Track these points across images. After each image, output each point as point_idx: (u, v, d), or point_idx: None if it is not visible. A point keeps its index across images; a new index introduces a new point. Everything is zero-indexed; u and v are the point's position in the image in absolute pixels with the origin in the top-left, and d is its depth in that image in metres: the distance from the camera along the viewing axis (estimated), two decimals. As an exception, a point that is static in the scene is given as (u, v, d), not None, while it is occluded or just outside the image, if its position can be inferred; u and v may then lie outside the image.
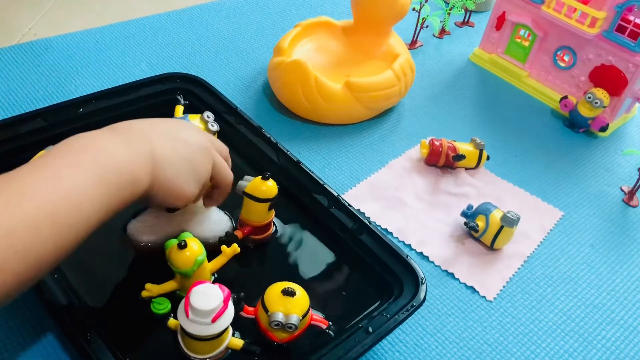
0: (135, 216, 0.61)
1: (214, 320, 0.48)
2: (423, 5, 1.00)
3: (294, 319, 0.50)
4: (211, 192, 0.59)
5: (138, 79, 0.77)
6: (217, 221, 0.63)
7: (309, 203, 0.67)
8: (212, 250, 0.57)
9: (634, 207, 0.80)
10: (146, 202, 0.51)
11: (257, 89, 0.89)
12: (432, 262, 0.68)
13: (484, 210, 0.69)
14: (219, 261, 0.57)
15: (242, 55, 0.95)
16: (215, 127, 0.68)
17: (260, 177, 0.60)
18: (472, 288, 0.66)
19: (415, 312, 0.55)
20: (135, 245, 0.60)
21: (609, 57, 0.87)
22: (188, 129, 0.56)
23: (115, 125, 0.51)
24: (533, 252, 0.71)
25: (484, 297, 0.65)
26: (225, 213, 0.64)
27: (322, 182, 0.67)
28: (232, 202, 0.64)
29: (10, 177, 0.42)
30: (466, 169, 0.80)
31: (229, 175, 0.58)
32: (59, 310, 0.51)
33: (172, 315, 0.53)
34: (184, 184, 0.52)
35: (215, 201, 0.60)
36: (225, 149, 0.60)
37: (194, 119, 0.68)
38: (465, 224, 0.69)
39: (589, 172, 0.85)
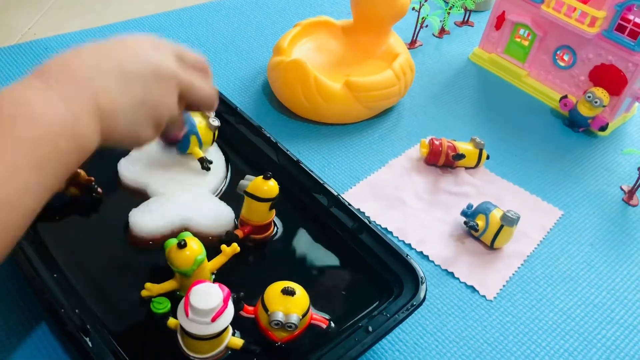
0: (138, 206, 0.62)
1: (213, 320, 0.48)
2: (423, 5, 1.00)
3: (294, 318, 0.50)
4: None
5: (138, 78, 0.77)
6: (219, 212, 0.63)
7: (309, 202, 0.67)
8: (212, 249, 0.57)
9: (633, 206, 0.80)
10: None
11: (256, 88, 0.89)
12: (432, 262, 0.67)
13: (484, 209, 0.69)
14: (218, 260, 0.57)
15: (242, 54, 0.95)
16: (216, 123, 0.68)
17: (262, 176, 0.60)
18: (472, 287, 0.65)
19: (415, 312, 0.55)
20: (137, 236, 0.60)
21: (609, 57, 0.87)
22: (142, 54, 0.44)
23: (47, 66, 0.41)
24: (533, 251, 0.71)
25: (484, 296, 0.65)
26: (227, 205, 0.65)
27: (322, 182, 0.66)
28: (233, 201, 0.64)
29: None
30: (466, 168, 0.80)
31: (209, 93, 0.49)
32: (59, 310, 0.50)
33: (171, 314, 0.53)
34: (142, 130, 0.44)
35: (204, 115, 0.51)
36: (198, 59, 0.49)
37: (195, 115, 0.68)
38: (465, 223, 0.69)
39: (588, 171, 0.85)
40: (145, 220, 0.60)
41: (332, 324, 0.55)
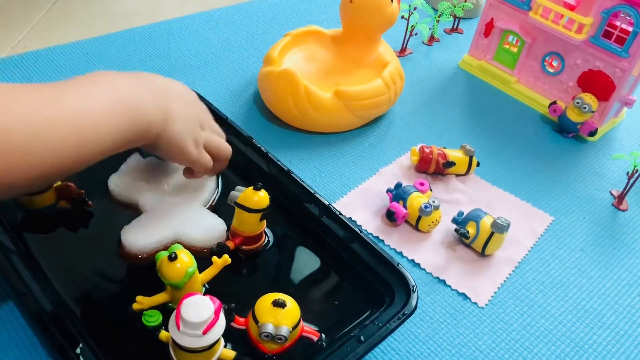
0: (130, 223, 0.61)
1: (205, 332, 0.48)
2: (412, 13, 1.00)
3: (284, 330, 0.51)
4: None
5: (128, 90, 0.77)
6: (211, 225, 0.63)
7: (300, 212, 0.67)
8: (203, 261, 0.57)
9: (623, 211, 0.80)
10: (151, 149, 0.57)
11: (247, 98, 0.89)
12: (424, 270, 0.68)
13: (475, 216, 0.69)
14: (210, 272, 0.57)
15: (232, 65, 0.96)
16: None
17: (252, 187, 0.60)
18: (463, 294, 0.66)
19: (407, 320, 0.55)
20: (129, 251, 0.60)
21: (597, 63, 0.88)
22: (193, 96, 0.63)
23: (141, 73, 0.57)
24: (524, 257, 0.71)
25: (475, 303, 0.65)
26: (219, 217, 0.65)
27: (312, 192, 0.67)
28: (224, 213, 0.64)
29: (43, 86, 0.48)
30: (456, 175, 0.80)
31: (227, 147, 0.64)
32: (49, 324, 0.50)
33: (163, 327, 0.53)
34: (187, 141, 0.58)
35: (214, 171, 0.65)
36: (220, 130, 0.66)
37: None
38: (456, 230, 0.70)
39: (578, 176, 0.85)
40: (138, 237, 0.60)
41: (323, 336, 0.55)
